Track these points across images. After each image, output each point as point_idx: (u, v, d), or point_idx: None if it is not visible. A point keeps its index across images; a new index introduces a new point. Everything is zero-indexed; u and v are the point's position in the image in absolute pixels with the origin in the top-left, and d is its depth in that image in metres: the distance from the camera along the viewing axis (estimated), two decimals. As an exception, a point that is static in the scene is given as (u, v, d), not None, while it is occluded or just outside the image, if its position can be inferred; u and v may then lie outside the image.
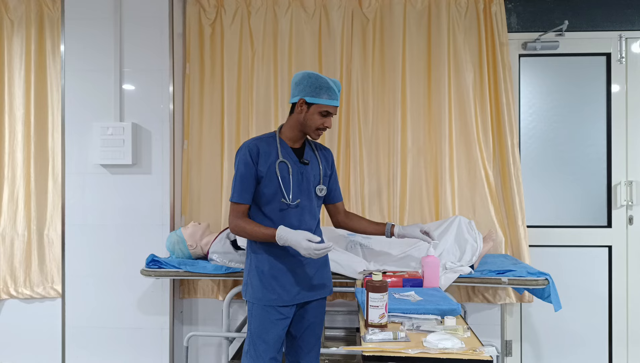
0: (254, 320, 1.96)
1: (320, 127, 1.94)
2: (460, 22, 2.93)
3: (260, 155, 1.93)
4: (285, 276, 1.95)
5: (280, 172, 1.93)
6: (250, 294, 1.98)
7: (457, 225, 2.56)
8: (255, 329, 1.95)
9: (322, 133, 1.98)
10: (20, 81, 3.07)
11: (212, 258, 2.59)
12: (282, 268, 1.95)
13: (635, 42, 3.01)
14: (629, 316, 3.01)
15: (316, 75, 1.92)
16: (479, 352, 1.45)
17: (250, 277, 2.00)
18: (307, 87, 1.90)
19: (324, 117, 1.93)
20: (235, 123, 3.00)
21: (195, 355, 3.07)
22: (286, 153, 1.98)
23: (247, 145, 1.95)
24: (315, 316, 2.05)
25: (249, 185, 1.93)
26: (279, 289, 1.94)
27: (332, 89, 1.90)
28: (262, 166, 1.92)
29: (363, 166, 2.95)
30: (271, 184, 1.93)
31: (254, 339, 1.95)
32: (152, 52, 2.85)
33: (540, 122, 3.08)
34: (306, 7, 2.98)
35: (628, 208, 3.02)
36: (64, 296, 2.87)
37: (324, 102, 1.90)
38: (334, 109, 1.94)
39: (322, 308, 2.09)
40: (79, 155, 2.87)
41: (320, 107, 1.91)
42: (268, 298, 1.94)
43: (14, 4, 3.06)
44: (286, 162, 1.95)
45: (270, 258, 1.95)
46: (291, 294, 1.96)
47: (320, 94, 1.89)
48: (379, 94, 2.97)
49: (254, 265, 1.99)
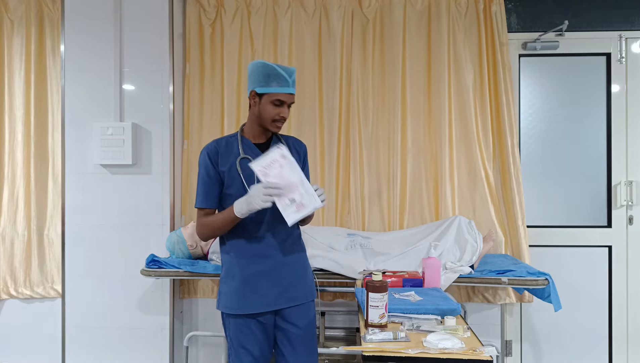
0: (231, 331, 1.86)
1: (276, 118, 1.81)
2: (460, 22, 2.93)
3: (220, 155, 1.84)
4: (258, 280, 1.83)
5: (243, 170, 1.82)
6: (222, 302, 1.87)
7: (457, 225, 2.56)
8: (234, 338, 1.85)
9: (280, 125, 1.84)
10: (20, 81, 3.07)
11: (211, 258, 2.59)
12: (256, 270, 1.83)
13: (635, 42, 3.01)
14: (629, 317, 3.01)
15: (264, 63, 1.79)
16: (479, 352, 1.45)
17: (222, 284, 1.90)
18: (256, 77, 1.79)
19: (278, 107, 1.80)
20: (235, 123, 3.00)
21: (195, 355, 3.07)
22: (248, 148, 1.87)
23: (205, 148, 1.86)
24: (303, 322, 1.88)
25: (212, 188, 1.84)
26: (253, 295, 1.82)
27: (281, 75, 1.77)
28: (223, 166, 1.83)
29: (363, 166, 2.94)
30: (235, 183, 1.83)
31: (236, 348, 1.85)
32: (152, 52, 2.85)
33: (540, 122, 3.08)
34: (306, 7, 2.98)
35: (628, 208, 3.02)
36: (64, 296, 2.87)
37: (274, 90, 1.77)
38: (286, 97, 1.79)
39: (307, 316, 1.90)
40: (79, 155, 2.87)
41: (271, 96, 1.78)
42: (240, 305, 1.82)
43: (14, 4, 3.06)
44: (249, 158, 1.83)
45: (242, 261, 1.84)
46: (267, 300, 1.83)
47: (269, 82, 1.77)
48: (379, 94, 2.97)
49: (225, 269, 1.90)
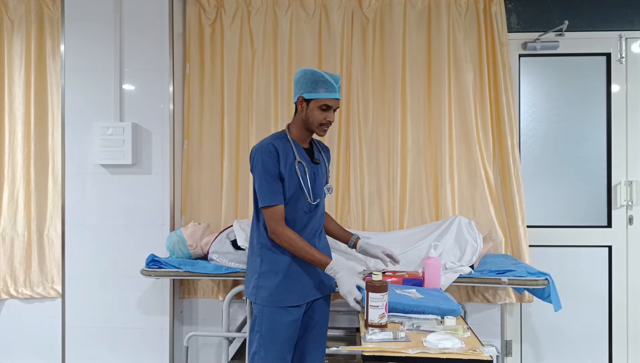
0: (265, 322, 1.93)
1: (323, 122, 1.91)
2: (460, 22, 2.93)
3: (280, 155, 1.90)
4: (300, 276, 1.95)
5: (300, 172, 1.93)
6: (262, 296, 1.95)
7: (457, 225, 2.56)
8: (265, 331, 1.93)
9: (327, 129, 1.94)
10: (20, 81, 3.07)
11: (212, 258, 2.59)
12: (298, 267, 1.95)
13: (635, 42, 3.01)
14: (629, 317, 3.01)
15: (312, 70, 1.90)
16: (479, 352, 1.45)
17: (261, 278, 1.96)
18: (304, 83, 1.89)
19: (325, 112, 1.90)
20: (235, 123, 3.00)
21: (195, 355, 3.07)
22: (300, 153, 1.96)
23: (265, 146, 1.90)
24: (321, 315, 2.05)
25: (277, 185, 1.89)
26: (294, 289, 1.94)
27: (328, 82, 1.87)
28: (283, 167, 1.90)
29: (363, 166, 2.94)
30: (292, 185, 1.91)
31: (265, 340, 1.92)
32: (152, 52, 2.85)
33: (540, 122, 3.08)
34: (306, 7, 2.98)
35: (628, 208, 3.02)
36: (64, 296, 2.87)
37: (321, 96, 1.87)
38: (333, 102, 1.90)
39: (327, 308, 2.09)
40: (79, 155, 2.86)
41: (319, 101, 1.88)
42: (282, 299, 1.92)
43: (14, 4, 3.06)
44: (302, 162, 1.94)
45: (288, 258, 1.93)
46: (303, 293, 1.97)
47: (317, 88, 1.87)
48: (379, 94, 2.97)
49: (268, 265, 1.96)
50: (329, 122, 1.91)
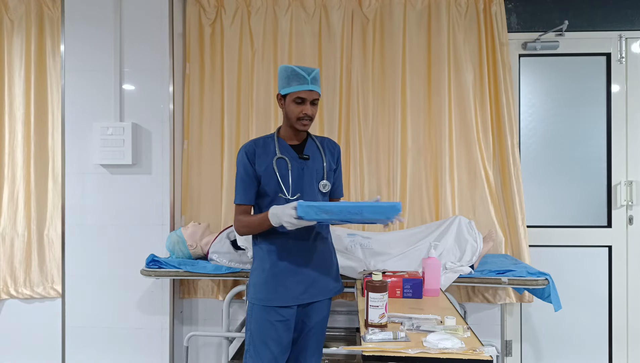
0: (254, 321, 1.94)
1: (300, 116, 1.89)
2: (460, 22, 2.93)
3: (257, 155, 1.94)
4: (288, 275, 1.92)
5: (279, 169, 1.93)
6: (251, 293, 1.96)
7: (457, 225, 2.56)
8: (255, 330, 1.93)
9: (306, 123, 1.91)
10: (20, 81, 3.07)
11: (212, 258, 2.59)
12: (286, 266, 1.92)
13: (635, 42, 3.01)
14: (629, 317, 3.01)
15: (285, 66, 1.92)
16: (479, 352, 1.45)
17: (252, 276, 1.99)
18: (280, 80, 1.92)
19: (300, 105, 1.88)
20: (235, 123, 3.00)
21: (195, 355, 3.07)
22: (284, 149, 1.97)
23: (244, 147, 1.97)
24: (318, 318, 1.99)
25: (249, 185, 1.94)
26: (281, 288, 1.91)
27: (299, 74, 1.86)
28: (260, 166, 1.93)
29: (363, 166, 2.94)
30: (271, 182, 1.93)
31: (254, 339, 1.93)
32: (152, 52, 2.85)
33: (540, 122, 3.08)
34: (306, 7, 2.98)
35: (628, 208, 3.02)
36: (64, 296, 2.87)
37: (293, 89, 1.87)
38: (307, 93, 1.87)
39: (325, 311, 2.02)
40: (79, 155, 2.87)
41: (292, 95, 1.88)
42: (268, 298, 1.91)
43: (14, 4, 3.06)
44: (284, 158, 1.94)
45: (273, 256, 1.93)
46: (294, 294, 1.92)
47: (290, 83, 1.88)
48: (379, 94, 2.97)
49: (256, 262, 1.99)
50: (306, 115, 1.89)
